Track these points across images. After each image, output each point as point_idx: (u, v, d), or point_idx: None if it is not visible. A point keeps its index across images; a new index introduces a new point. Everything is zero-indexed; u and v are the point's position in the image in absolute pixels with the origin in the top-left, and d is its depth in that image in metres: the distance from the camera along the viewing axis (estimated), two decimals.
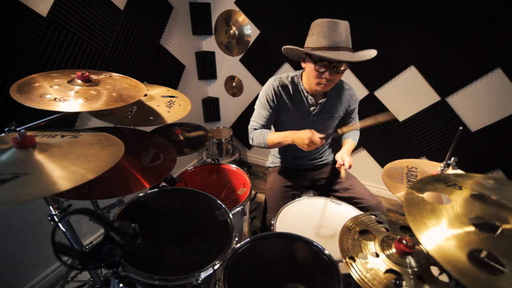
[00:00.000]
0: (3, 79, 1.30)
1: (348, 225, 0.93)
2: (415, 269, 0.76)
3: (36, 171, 0.66)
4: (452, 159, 1.01)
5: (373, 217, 0.98)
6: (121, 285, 0.75)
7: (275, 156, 1.67)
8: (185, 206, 1.08)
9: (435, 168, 1.11)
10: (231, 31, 2.40)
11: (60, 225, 0.89)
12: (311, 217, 1.26)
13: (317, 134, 1.22)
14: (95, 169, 0.71)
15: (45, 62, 1.44)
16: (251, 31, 2.33)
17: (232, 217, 1.03)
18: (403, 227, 0.93)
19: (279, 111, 1.43)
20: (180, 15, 2.26)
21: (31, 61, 1.39)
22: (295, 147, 1.28)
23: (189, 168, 1.58)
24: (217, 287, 0.79)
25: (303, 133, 1.24)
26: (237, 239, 0.92)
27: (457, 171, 1.01)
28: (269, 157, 1.73)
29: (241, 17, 2.31)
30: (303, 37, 1.27)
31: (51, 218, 0.88)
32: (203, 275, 0.78)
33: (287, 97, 1.39)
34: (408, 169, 1.17)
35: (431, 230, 0.57)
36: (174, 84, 2.41)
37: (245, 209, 1.34)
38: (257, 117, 1.43)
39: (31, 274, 1.59)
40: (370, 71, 2.07)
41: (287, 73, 1.44)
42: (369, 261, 0.78)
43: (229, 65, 2.58)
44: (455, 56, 1.77)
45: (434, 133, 2.06)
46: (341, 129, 1.31)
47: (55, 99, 0.93)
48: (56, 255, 0.54)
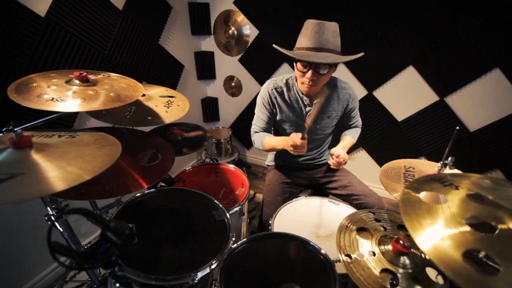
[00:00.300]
0: (1, 79, 1.30)
1: (345, 223, 0.93)
2: (411, 270, 0.76)
3: (32, 171, 0.66)
4: (449, 159, 1.01)
5: (371, 215, 0.99)
6: (118, 285, 0.75)
7: (274, 155, 1.68)
8: (182, 206, 1.08)
9: (433, 168, 1.11)
10: (230, 31, 2.40)
11: (57, 225, 0.89)
12: (309, 217, 1.26)
13: (297, 137, 1.19)
14: (92, 169, 0.71)
15: (43, 62, 1.44)
16: (250, 31, 2.33)
17: (229, 217, 1.03)
18: (401, 226, 0.93)
19: (276, 114, 1.46)
20: (179, 15, 2.26)
21: (30, 61, 1.39)
22: None
23: (188, 168, 1.58)
24: (214, 287, 0.79)
25: (286, 140, 1.28)
26: (234, 239, 0.92)
27: (454, 171, 1.01)
28: (268, 156, 1.74)
29: (240, 17, 2.31)
30: None
31: (48, 218, 0.89)
32: (199, 275, 0.78)
33: (282, 99, 1.42)
34: (405, 169, 1.17)
35: (427, 229, 0.57)
36: (173, 84, 2.40)
37: (243, 209, 1.34)
38: (257, 120, 1.50)
39: (30, 273, 1.59)
40: (369, 71, 2.07)
41: (283, 75, 1.46)
42: (366, 260, 0.78)
43: (228, 65, 2.59)
44: (453, 56, 1.77)
45: (432, 133, 2.06)
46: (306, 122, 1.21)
47: (52, 99, 0.93)
48: (52, 255, 0.54)
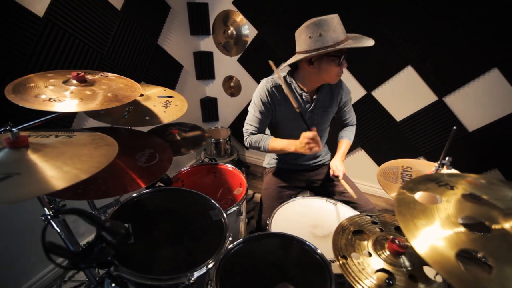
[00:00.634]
0: None
1: (343, 225, 0.93)
2: (408, 269, 0.76)
3: (28, 171, 0.67)
4: (446, 159, 1.01)
5: (368, 218, 0.99)
6: (113, 285, 0.75)
7: (272, 157, 1.67)
8: (179, 206, 1.08)
9: (430, 168, 1.11)
10: (229, 31, 2.40)
11: (54, 224, 0.89)
12: (306, 217, 1.27)
13: (306, 132, 1.20)
14: (88, 169, 0.71)
15: (42, 62, 1.44)
16: (249, 31, 2.33)
17: (227, 217, 1.03)
18: (397, 228, 0.93)
19: (274, 112, 1.43)
20: (177, 15, 2.26)
21: (28, 61, 1.39)
22: None
23: (186, 168, 1.59)
24: (209, 287, 0.79)
25: (300, 140, 1.24)
26: (230, 239, 0.92)
27: (451, 171, 1.01)
28: (265, 158, 1.73)
29: (239, 17, 2.31)
30: None
31: (45, 218, 0.89)
32: (195, 275, 0.78)
33: (282, 97, 1.39)
34: (403, 169, 1.16)
35: (421, 230, 0.57)
36: (172, 84, 2.41)
37: (241, 209, 1.34)
38: (253, 120, 1.43)
39: (29, 273, 1.60)
40: (367, 71, 2.07)
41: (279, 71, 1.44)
42: (362, 261, 0.78)
43: (227, 65, 2.59)
44: (452, 56, 1.77)
45: (431, 133, 2.06)
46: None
47: (50, 100, 0.93)
48: (46, 255, 0.54)
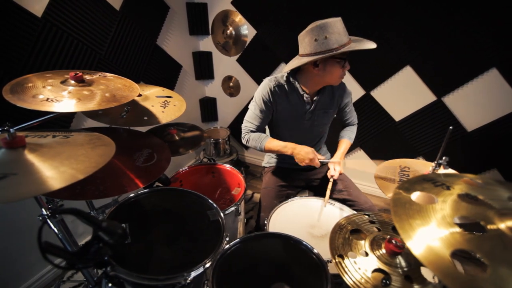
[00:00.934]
0: None
1: (340, 224, 0.94)
2: (404, 269, 0.76)
3: (24, 171, 0.67)
4: (443, 159, 1.01)
5: (366, 217, 0.99)
6: (110, 285, 0.76)
7: (271, 156, 1.68)
8: (177, 206, 1.08)
9: (428, 168, 1.11)
10: (228, 31, 2.40)
11: (51, 224, 0.89)
12: (304, 217, 1.27)
13: (318, 156, 1.34)
14: (84, 169, 0.71)
15: (40, 62, 1.44)
16: (248, 31, 2.33)
17: (225, 217, 1.03)
18: (395, 228, 0.93)
19: (275, 111, 1.43)
20: (176, 15, 2.26)
21: (26, 61, 1.39)
22: None
23: (184, 168, 1.59)
24: (206, 287, 0.79)
25: (305, 151, 1.32)
26: (228, 239, 0.92)
27: (448, 171, 1.01)
28: (265, 157, 1.74)
29: (238, 17, 2.31)
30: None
31: (42, 218, 0.89)
32: (192, 274, 0.78)
33: (284, 96, 1.40)
34: (400, 168, 1.17)
35: (416, 230, 0.57)
36: (171, 84, 2.41)
37: (239, 209, 1.35)
38: (253, 118, 1.43)
39: (27, 274, 1.60)
40: (366, 71, 2.07)
41: (281, 73, 1.44)
42: (358, 260, 0.79)
43: (226, 65, 2.59)
44: (450, 56, 1.77)
45: (430, 133, 2.06)
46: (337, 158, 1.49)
47: (47, 100, 0.93)
48: (42, 255, 0.55)
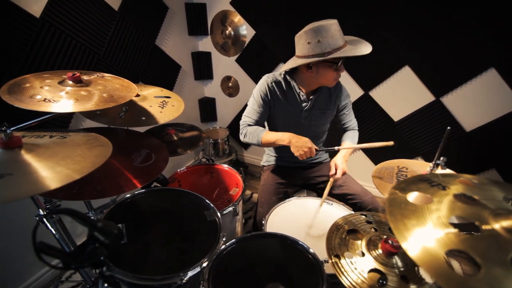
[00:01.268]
0: None
1: (337, 223, 0.93)
2: (400, 269, 0.76)
3: (21, 172, 0.67)
4: (441, 159, 1.01)
5: (363, 217, 0.99)
6: (106, 285, 0.76)
7: (270, 154, 1.68)
8: (174, 206, 1.08)
9: (425, 168, 1.11)
10: (227, 32, 2.40)
11: (48, 225, 0.89)
12: (302, 217, 1.27)
13: (314, 146, 1.29)
14: (81, 169, 0.71)
15: (38, 63, 1.44)
16: (246, 31, 2.33)
17: (221, 217, 1.03)
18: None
19: (272, 107, 1.44)
20: (175, 16, 2.26)
21: (25, 62, 1.39)
22: None
23: (183, 168, 1.59)
24: (202, 287, 0.79)
25: (302, 141, 1.27)
26: (224, 239, 0.92)
27: (446, 171, 1.01)
28: (263, 156, 1.74)
29: (237, 17, 2.31)
30: None
31: (39, 218, 0.89)
32: (188, 274, 0.78)
33: (281, 93, 1.41)
34: (398, 169, 1.17)
35: (411, 230, 0.57)
36: (170, 84, 2.41)
37: (237, 209, 1.35)
38: (251, 113, 1.42)
39: (26, 274, 1.60)
40: (365, 71, 2.07)
41: (280, 71, 1.45)
42: (355, 260, 0.78)
43: (225, 65, 2.59)
44: (449, 56, 1.77)
45: (429, 133, 2.06)
46: (339, 147, 1.43)
47: (45, 100, 0.94)
48: (37, 255, 0.55)
